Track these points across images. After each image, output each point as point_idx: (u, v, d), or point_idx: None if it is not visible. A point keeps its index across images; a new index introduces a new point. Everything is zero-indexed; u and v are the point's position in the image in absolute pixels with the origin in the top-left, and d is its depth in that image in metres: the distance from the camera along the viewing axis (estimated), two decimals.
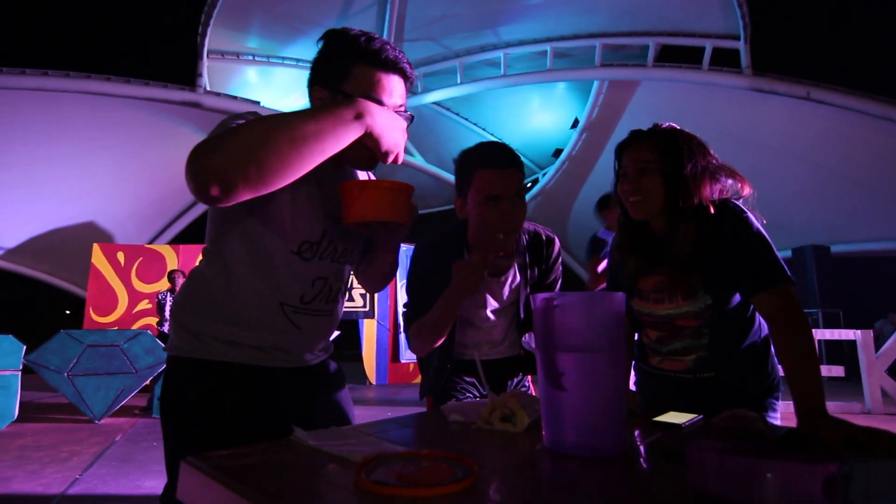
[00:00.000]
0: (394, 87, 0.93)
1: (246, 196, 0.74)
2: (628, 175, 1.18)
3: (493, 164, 1.20)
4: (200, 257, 0.98)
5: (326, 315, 1.02)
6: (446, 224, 1.39)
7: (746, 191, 1.18)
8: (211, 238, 0.95)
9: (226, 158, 0.70)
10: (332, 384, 1.07)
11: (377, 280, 1.16)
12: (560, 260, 1.44)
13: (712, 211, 1.12)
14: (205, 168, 0.70)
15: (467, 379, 1.38)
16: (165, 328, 5.80)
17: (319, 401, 1.03)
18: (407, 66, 0.94)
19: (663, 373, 1.21)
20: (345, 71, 0.90)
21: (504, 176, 1.19)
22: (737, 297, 1.14)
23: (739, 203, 1.15)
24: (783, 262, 1.07)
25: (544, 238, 1.41)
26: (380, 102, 0.90)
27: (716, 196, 1.15)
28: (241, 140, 0.71)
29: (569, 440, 0.69)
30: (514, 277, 1.37)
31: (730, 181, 1.18)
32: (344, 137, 0.79)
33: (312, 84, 0.95)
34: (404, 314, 1.38)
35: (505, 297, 1.37)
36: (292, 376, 0.98)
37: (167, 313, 5.82)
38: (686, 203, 1.12)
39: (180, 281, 5.96)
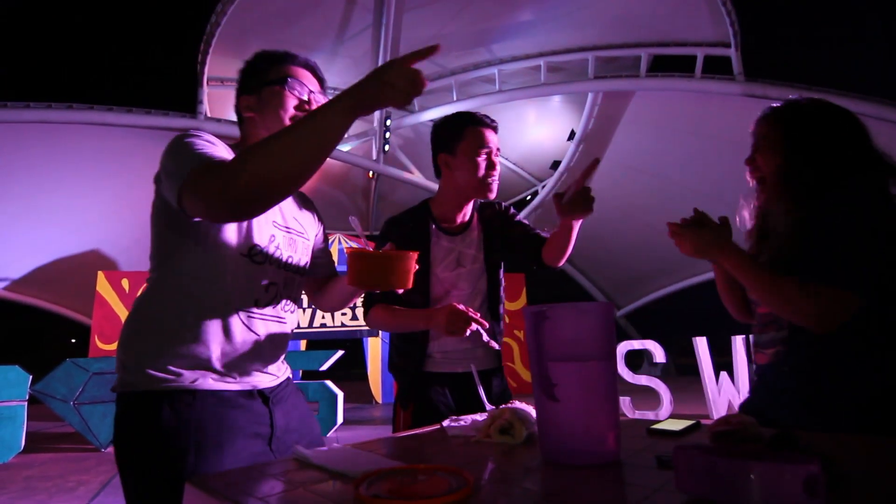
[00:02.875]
0: (306, 76, 1.10)
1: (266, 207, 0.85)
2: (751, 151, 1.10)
3: (482, 123, 1.44)
4: (144, 286, 1.00)
5: (280, 322, 1.05)
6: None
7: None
8: (159, 261, 0.96)
9: (257, 174, 0.77)
10: (294, 405, 1.08)
11: (333, 304, 1.26)
12: (518, 215, 1.57)
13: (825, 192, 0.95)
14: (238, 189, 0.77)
15: (442, 395, 1.38)
16: None
17: (285, 422, 1.02)
18: (315, 64, 1.14)
19: (758, 367, 1.11)
20: (267, 72, 1.08)
21: (491, 134, 1.44)
22: None
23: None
24: (857, 267, 0.89)
25: (494, 202, 1.57)
26: (299, 80, 1.08)
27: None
28: (273, 155, 0.78)
29: (563, 449, 0.70)
30: (472, 234, 1.49)
31: None
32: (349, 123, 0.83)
33: (240, 95, 1.09)
34: (365, 296, 1.41)
35: (464, 249, 1.46)
36: (255, 398, 0.98)
37: None
38: (803, 189, 0.97)
39: None
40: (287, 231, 1.07)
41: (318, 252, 1.23)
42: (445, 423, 1.02)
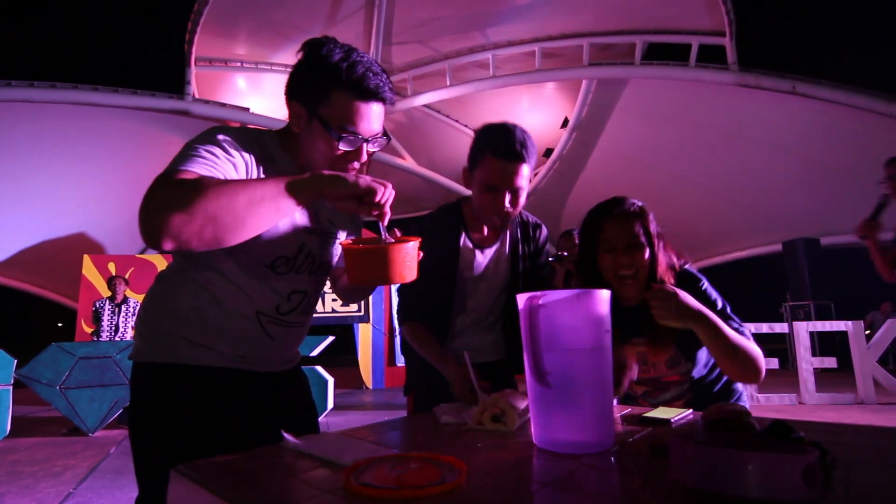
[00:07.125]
0: (372, 115, 0.93)
1: (199, 250, 0.74)
2: (618, 249, 1.20)
3: (500, 153, 1.18)
4: (166, 263, 0.99)
5: (299, 326, 1.05)
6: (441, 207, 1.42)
7: (683, 259, 1.27)
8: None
9: (185, 216, 0.69)
10: (301, 390, 1.11)
11: (355, 296, 1.21)
12: (547, 246, 1.50)
13: (672, 280, 1.20)
14: (162, 223, 0.69)
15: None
16: (103, 338, 5.46)
17: (291, 406, 1.06)
18: (388, 92, 0.93)
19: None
20: (324, 95, 0.90)
21: (508, 170, 1.19)
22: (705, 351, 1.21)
23: (689, 268, 1.26)
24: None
25: (531, 222, 1.48)
26: (356, 132, 0.91)
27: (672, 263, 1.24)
28: (203, 199, 0.71)
29: (557, 438, 0.70)
30: (501, 250, 1.41)
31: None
32: (299, 202, 0.80)
33: (291, 97, 0.94)
34: (399, 304, 1.40)
35: (490, 264, 1.39)
36: (266, 381, 1.00)
37: (104, 323, 5.52)
38: (659, 274, 1.19)
39: (122, 288, 5.61)
40: (323, 234, 1.03)
41: None
42: (437, 409, 1.01)
